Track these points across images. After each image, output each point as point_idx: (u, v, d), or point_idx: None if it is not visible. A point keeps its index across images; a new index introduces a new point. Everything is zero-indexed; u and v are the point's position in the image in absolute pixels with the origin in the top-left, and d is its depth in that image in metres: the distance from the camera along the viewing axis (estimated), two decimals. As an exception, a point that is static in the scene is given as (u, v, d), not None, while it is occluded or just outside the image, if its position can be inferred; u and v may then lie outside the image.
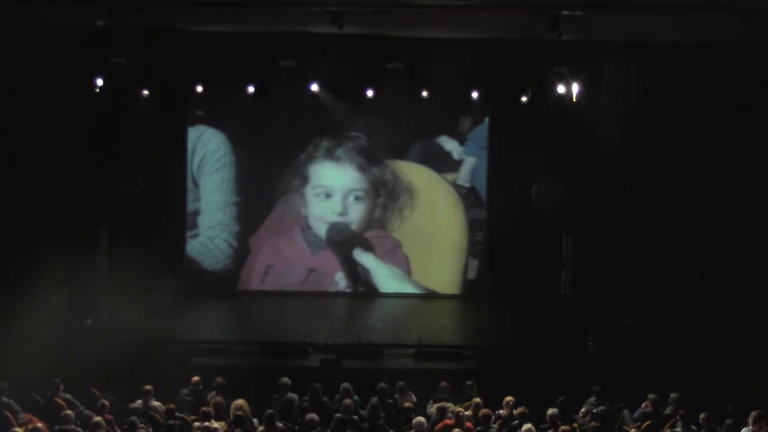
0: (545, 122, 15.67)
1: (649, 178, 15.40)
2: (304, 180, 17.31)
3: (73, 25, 13.84)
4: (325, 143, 17.25)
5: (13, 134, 14.87)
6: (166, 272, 14.82)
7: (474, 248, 17.50)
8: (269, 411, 10.67)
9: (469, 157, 17.39)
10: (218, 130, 17.18)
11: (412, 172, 17.41)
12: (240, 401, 11.04)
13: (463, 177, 17.45)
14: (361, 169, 17.31)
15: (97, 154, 15.77)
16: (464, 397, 11.94)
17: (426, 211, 17.46)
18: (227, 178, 17.26)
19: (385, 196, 17.43)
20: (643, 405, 11.55)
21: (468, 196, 17.47)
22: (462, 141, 17.37)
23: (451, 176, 17.45)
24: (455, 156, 17.38)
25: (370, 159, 17.31)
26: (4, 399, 10.86)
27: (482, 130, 17.34)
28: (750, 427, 10.41)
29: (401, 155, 17.38)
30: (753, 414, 10.43)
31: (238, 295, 17.26)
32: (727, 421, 10.92)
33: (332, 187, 17.31)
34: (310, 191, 17.34)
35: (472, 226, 17.49)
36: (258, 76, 14.93)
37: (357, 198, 17.38)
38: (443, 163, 17.43)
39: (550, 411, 11.01)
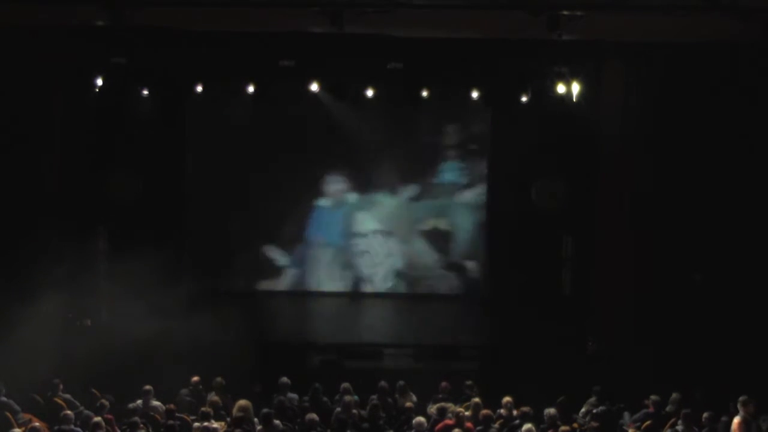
0: (545, 122, 15.68)
1: (649, 178, 15.38)
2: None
3: (73, 25, 13.83)
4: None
5: (13, 134, 14.85)
6: (166, 272, 14.81)
7: (474, 249, 17.51)
8: (265, 410, 10.65)
9: (464, 160, 17.41)
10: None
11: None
12: (244, 402, 10.95)
13: (459, 179, 17.47)
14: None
15: (97, 154, 15.76)
16: (464, 397, 11.94)
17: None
18: None
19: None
20: (644, 405, 11.54)
21: (465, 198, 17.50)
22: (458, 143, 17.37)
23: (446, 179, 17.50)
24: (451, 159, 17.40)
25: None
26: (4, 399, 10.87)
27: (480, 132, 17.34)
28: (741, 413, 10.43)
29: (398, 158, 17.41)
30: (741, 399, 10.48)
31: (238, 295, 17.25)
32: (723, 419, 10.89)
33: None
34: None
35: (471, 227, 17.50)
36: (258, 76, 14.92)
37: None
38: (439, 166, 17.48)
39: (550, 411, 11.01)
